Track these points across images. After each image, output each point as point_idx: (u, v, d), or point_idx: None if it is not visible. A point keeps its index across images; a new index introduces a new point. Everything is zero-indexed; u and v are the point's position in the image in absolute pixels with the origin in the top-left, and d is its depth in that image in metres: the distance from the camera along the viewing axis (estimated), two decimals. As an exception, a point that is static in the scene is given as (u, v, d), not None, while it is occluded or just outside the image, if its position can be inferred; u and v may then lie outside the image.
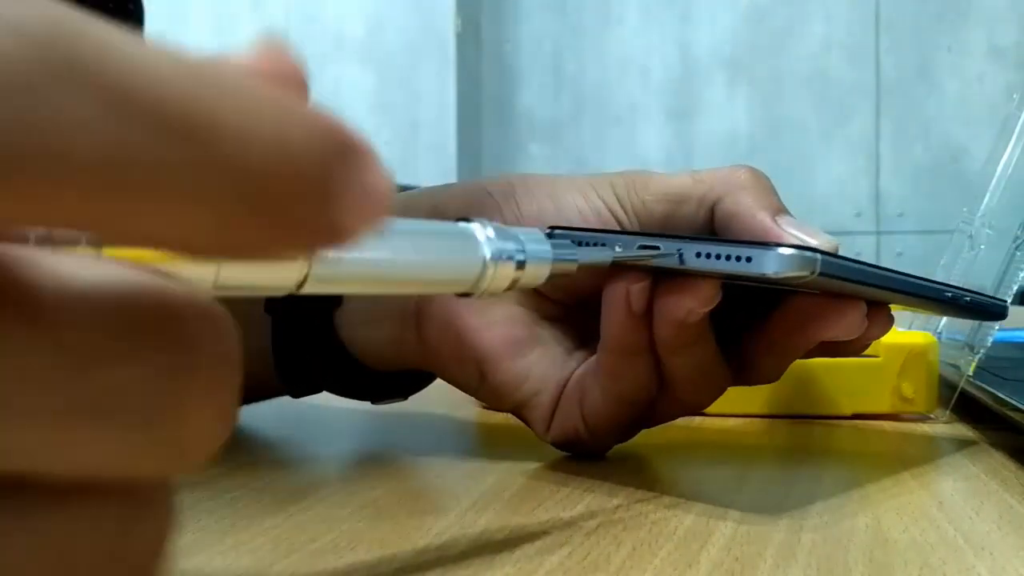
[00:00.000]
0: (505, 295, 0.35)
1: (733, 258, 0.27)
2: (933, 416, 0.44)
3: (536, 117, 2.56)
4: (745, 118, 2.43)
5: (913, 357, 0.43)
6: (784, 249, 0.27)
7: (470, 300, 0.24)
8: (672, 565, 0.24)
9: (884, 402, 0.44)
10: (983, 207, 0.47)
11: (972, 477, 0.33)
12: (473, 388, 0.36)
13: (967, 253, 0.48)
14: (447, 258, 0.22)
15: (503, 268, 0.23)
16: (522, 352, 0.34)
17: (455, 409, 0.46)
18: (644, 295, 0.30)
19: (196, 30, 2.35)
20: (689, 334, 0.31)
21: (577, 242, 0.29)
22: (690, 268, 0.28)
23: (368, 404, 0.41)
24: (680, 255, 0.28)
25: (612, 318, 0.31)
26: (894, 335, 0.41)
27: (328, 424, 0.44)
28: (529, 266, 0.24)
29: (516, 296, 0.35)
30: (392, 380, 0.40)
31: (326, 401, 0.41)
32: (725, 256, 0.27)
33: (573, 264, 0.26)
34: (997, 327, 0.42)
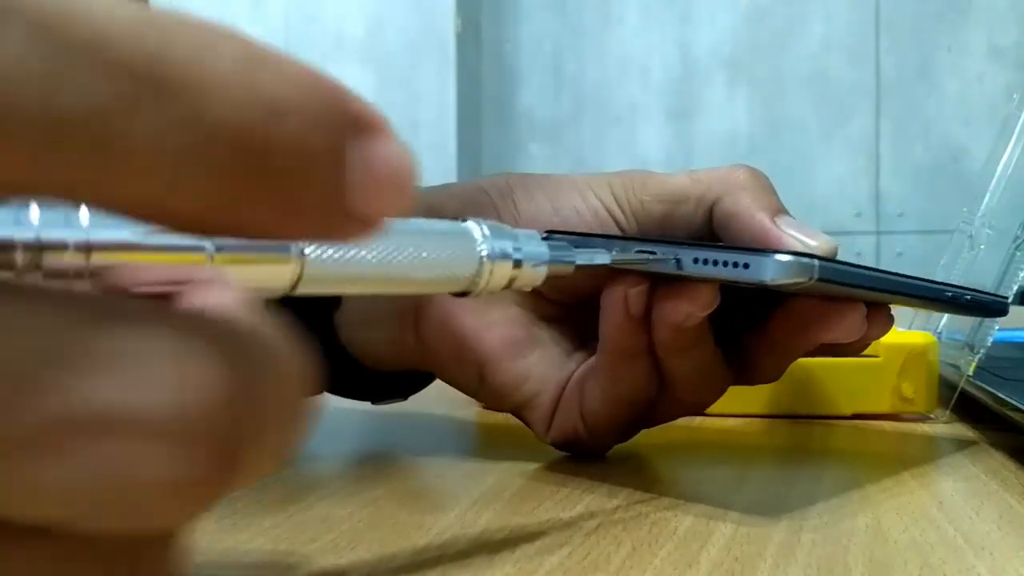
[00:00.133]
0: (504, 296, 0.35)
1: (730, 264, 0.27)
2: (933, 416, 0.44)
3: (536, 117, 2.56)
4: (745, 118, 2.43)
5: (913, 357, 0.43)
6: (781, 256, 0.27)
7: (467, 300, 0.24)
8: (672, 565, 0.24)
9: (884, 402, 0.44)
10: (983, 207, 0.47)
11: (972, 477, 0.33)
12: (473, 389, 0.36)
13: (967, 253, 0.48)
14: (443, 257, 0.22)
15: (500, 267, 0.23)
16: (522, 353, 0.34)
17: (455, 409, 0.46)
18: (642, 298, 0.30)
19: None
20: (688, 337, 0.31)
21: (574, 245, 0.29)
22: (687, 274, 0.28)
23: (368, 404, 0.41)
24: (677, 261, 0.28)
25: (611, 321, 0.31)
26: (894, 335, 0.41)
27: (328, 424, 0.44)
28: (526, 266, 0.24)
29: (515, 297, 0.35)
30: (392, 380, 0.40)
31: (326, 401, 0.41)
32: (722, 262, 0.27)
33: (570, 265, 0.26)
34: (997, 327, 0.42)
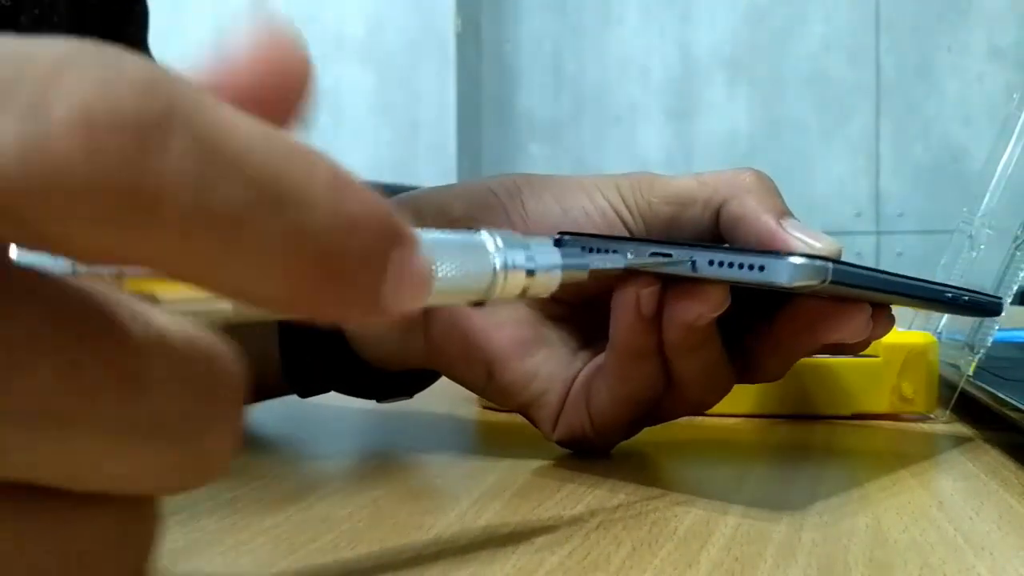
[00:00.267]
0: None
1: (745, 267, 0.28)
2: (933, 416, 0.44)
3: (536, 117, 2.56)
4: (745, 118, 2.43)
5: (913, 357, 0.43)
6: (796, 258, 0.27)
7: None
8: (672, 564, 0.24)
9: (884, 402, 0.44)
10: (983, 207, 0.47)
11: (972, 477, 0.33)
12: (480, 388, 0.36)
13: (967, 253, 0.48)
14: (457, 272, 0.21)
15: (513, 277, 0.22)
16: (529, 352, 0.35)
17: (456, 407, 0.46)
18: (654, 299, 0.30)
19: (196, 30, 2.35)
20: (697, 337, 0.31)
21: (587, 248, 0.29)
22: (702, 276, 0.28)
23: (368, 403, 0.41)
24: (693, 263, 0.28)
25: (622, 321, 0.31)
26: (894, 335, 0.41)
27: (329, 423, 0.44)
28: (540, 275, 0.23)
29: (522, 297, 0.35)
30: (397, 379, 0.40)
31: (327, 400, 0.41)
32: (738, 264, 0.28)
33: (584, 272, 0.26)
34: (996, 327, 0.42)
